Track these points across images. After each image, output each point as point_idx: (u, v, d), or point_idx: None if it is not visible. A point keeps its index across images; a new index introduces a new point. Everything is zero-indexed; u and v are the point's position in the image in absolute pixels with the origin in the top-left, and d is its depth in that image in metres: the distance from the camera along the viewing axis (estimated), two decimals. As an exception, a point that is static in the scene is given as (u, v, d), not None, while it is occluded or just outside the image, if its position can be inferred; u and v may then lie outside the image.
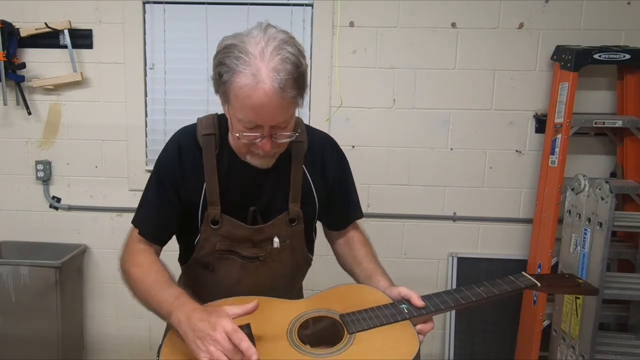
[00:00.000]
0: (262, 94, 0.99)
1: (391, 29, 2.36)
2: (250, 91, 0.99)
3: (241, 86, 1.00)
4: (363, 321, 1.05)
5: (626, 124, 2.22)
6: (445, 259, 2.52)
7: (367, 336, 1.02)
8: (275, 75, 0.98)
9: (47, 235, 2.54)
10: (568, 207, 2.15)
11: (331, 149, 1.32)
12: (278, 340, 1.02)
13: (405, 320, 1.07)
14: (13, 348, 2.33)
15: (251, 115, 1.03)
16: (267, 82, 0.98)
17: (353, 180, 1.37)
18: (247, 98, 1.00)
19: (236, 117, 1.06)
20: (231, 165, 1.19)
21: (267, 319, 1.07)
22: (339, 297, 1.16)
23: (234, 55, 1.01)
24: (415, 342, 1.00)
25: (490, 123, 2.41)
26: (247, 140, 1.08)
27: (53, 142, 2.50)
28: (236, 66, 1.00)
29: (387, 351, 0.99)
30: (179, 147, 1.20)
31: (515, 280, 1.17)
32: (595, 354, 2.02)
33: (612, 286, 2.05)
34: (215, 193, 1.17)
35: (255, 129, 1.06)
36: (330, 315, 1.10)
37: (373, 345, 1.00)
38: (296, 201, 1.22)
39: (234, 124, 1.09)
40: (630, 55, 2.14)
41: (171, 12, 2.40)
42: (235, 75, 1.00)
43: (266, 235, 1.21)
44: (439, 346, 2.57)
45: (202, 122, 1.22)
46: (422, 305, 1.11)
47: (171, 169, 1.19)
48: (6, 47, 2.32)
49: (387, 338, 1.02)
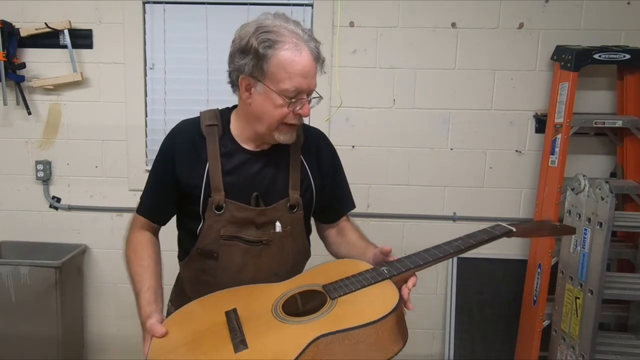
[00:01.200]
0: (307, 60, 1.15)
1: (391, 29, 2.36)
2: (297, 58, 1.13)
3: (287, 55, 1.13)
4: (345, 287, 1.08)
5: (626, 124, 2.22)
6: (445, 259, 2.51)
7: (349, 299, 1.05)
8: (311, 44, 1.16)
9: (47, 235, 2.54)
10: (568, 207, 2.15)
11: (325, 142, 1.40)
12: (263, 316, 1.05)
13: (386, 280, 1.09)
14: (13, 348, 2.33)
15: (298, 81, 1.15)
16: (307, 50, 1.15)
17: (344, 174, 1.44)
18: (295, 64, 1.13)
19: (280, 89, 1.15)
20: (233, 153, 1.25)
21: (253, 301, 1.12)
22: (323, 272, 1.20)
23: (271, 31, 1.14)
24: (395, 294, 1.04)
25: (490, 123, 2.41)
26: (284, 107, 1.17)
27: (53, 142, 2.50)
28: (278, 38, 1.13)
29: (367, 307, 1.01)
30: (181, 135, 1.28)
31: (491, 230, 1.23)
32: (595, 354, 2.02)
33: (612, 286, 2.05)
34: (219, 179, 1.22)
35: (297, 96, 1.17)
36: (314, 288, 1.13)
37: (354, 304, 1.03)
38: (296, 189, 1.28)
39: (275, 98, 1.16)
40: (630, 55, 2.14)
41: (171, 12, 2.40)
42: (280, 46, 1.13)
43: (268, 218, 1.25)
44: (439, 346, 2.58)
45: (205, 114, 1.30)
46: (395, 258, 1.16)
47: (172, 153, 1.27)
48: (6, 47, 2.32)
49: (367, 296, 1.05)
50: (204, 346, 1.00)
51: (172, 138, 1.29)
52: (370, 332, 0.95)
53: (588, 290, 2.01)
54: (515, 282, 2.45)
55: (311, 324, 0.99)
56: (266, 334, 1.00)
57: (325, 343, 0.94)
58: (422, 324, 2.56)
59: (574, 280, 2.09)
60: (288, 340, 0.96)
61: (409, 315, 1.15)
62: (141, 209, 1.33)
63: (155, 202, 1.32)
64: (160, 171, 1.30)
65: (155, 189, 1.31)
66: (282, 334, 0.99)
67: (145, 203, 1.33)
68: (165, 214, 1.34)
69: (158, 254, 1.30)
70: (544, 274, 2.25)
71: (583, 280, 2.04)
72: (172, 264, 1.39)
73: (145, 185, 1.34)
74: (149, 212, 1.32)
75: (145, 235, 1.31)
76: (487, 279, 2.47)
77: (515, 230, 1.20)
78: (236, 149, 1.26)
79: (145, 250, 1.27)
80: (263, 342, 0.98)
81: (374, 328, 0.96)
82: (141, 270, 1.22)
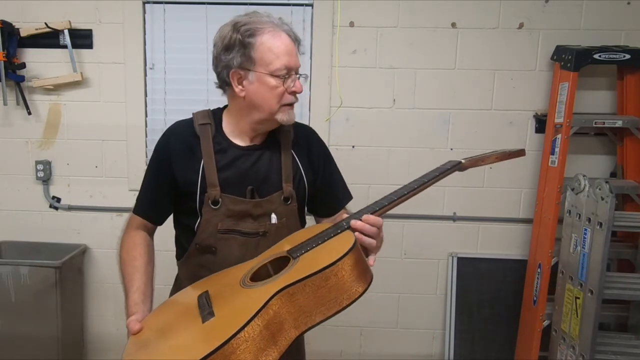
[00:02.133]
0: (287, 39, 1.23)
1: (391, 29, 2.36)
2: (279, 39, 1.21)
3: (269, 38, 1.20)
4: (307, 245, 1.11)
5: (626, 124, 2.22)
6: (445, 259, 2.52)
7: (309, 255, 1.08)
8: (285, 27, 1.24)
9: (47, 235, 2.54)
10: (568, 207, 2.15)
11: (314, 137, 1.43)
12: (232, 288, 1.08)
13: (345, 230, 1.11)
14: (13, 348, 2.33)
15: (285, 59, 1.21)
16: (284, 32, 1.23)
17: (337, 168, 1.46)
18: (279, 44, 1.21)
19: (270, 70, 1.21)
20: (227, 150, 1.29)
21: (223, 280, 1.16)
22: (291, 239, 1.23)
23: (249, 23, 1.21)
24: (351, 238, 1.05)
25: (490, 123, 2.41)
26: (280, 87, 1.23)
27: (53, 142, 2.50)
28: (258, 26, 1.21)
29: (324, 255, 1.04)
30: (175, 135, 1.32)
31: (441, 166, 1.34)
32: (595, 354, 2.02)
33: (612, 286, 2.05)
34: (214, 175, 1.26)
35: (288, 74, 1.23)
36: (279, 255, 1.15)
37: (313, 257, 1.07)
38: (289, 181, 1.31)
39: (269, 81, 1.22)
40: (630, 55, 2.14)
41: (171, 12, 2.40)
42: (260, 33, 1.20)
43: (264, 210, 1.28)
44: (439, 346, 2.58)
45: (198, 115, 1.34)
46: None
47: (167, 153, 1.30)
48: (6, 47, 2.32)
49: (326, 247, 1.09)
50: (175, 329, 1.03)
51: (166, 138, 1.33)
52: (328, 276, 0.97)
53: (588, 290, 2.01)
54: (515, 282, 2.45)
55: (273, 282, 1.02)
56: (231, 300, 1.03)
57: (288, 295, 0.97)
58: (422, 324, 2.56)
59: (574, 280, 2.09)
60: (251, 300, 0.98)
61: (409, 315, 1.15)
62: (138, 209, 1.35)
63: (151, 201, 1.34)
64: (156, 171, 1.32)
65: (152, 188, 1.34)
66: (246, 297, 1.02)
67: (142, 203, 1.35)
68: (161, 213, 1.36)
69: (151, 254, 1.32)
70: (544, 274, 2.25)
71: (583, 280, 2.04)
72: (171, 264, 1.39)
73: (141, 185, 1.36)
74: (146, 211, 1.34)
75: (140, 235, 1.33)
76: (487, 279, 2.47)
77: (464, 161, 1.31)
78: (229, 145, 1.30)
79: (137, 250, 1.28)
80: (228, 307, 1.01)
81: (332, 271, 0.98)
82: (132, 270, 1.24)
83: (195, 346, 0.92)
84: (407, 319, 2.57)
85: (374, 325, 2.58)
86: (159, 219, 1.36)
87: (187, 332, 0.99)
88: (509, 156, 1.34)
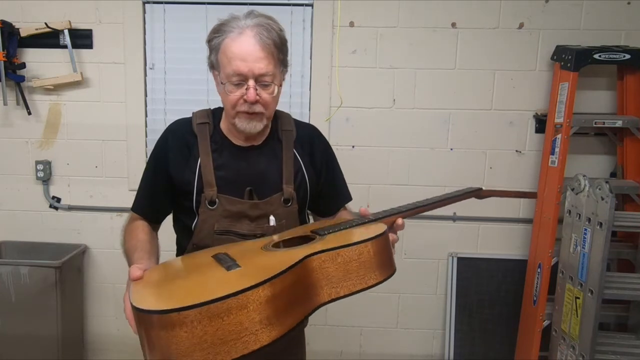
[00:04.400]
0: (246, 43, 1.15)
1: (391, 29, 2.36)
2: (235, 42, 1.16)
3: (228, 42, 1.17)
4: (333, 228, 1.13)
5: (626, 124, 2.22)
6: (445, 259, 2.52)
7: (339, 234, 1.09)
8: (257, 28, 1.16)
9: (47, 235, 2.54)
10: (568, 207, 2.15)
11: (318, 137, 1.41)
12: (255, 253, 1.06)
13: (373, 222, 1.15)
14: (13, 348, 2.33)
15: (236, 64, 1.15)
16: (249, 33, 1.16)
17: (339, 166, 1.45)
18: (234, 49, 1.16)
19: (225, 74, 1.18)
20: (224, 149, 1.28)
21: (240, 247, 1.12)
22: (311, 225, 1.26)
23: (223, 24, 1.19)
24: (382, 225, 1.08)
25: (490, 123, 2.41)
26: (232, 92, 1.19)
27: (53, 142, 2.50)
28: (225, 28, 1.18)
29: (357, 234, 1.06)
30: (174, 134, 1.32)
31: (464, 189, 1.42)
32: (595, 354, 2.02)
33: (612, 286, 2.05)
34: (211, 174, 1.25)
35: (240, 82, 1.18)
36: (302, 233, 1.16)
37: (345, 235, 1.08)
38: (289, 182, 1.29)
39: (226, 86, 1.20)
40: (630, 55, 2.14)
41: (171, 12, 2.40)
42: (224, 35, 1.17)
43: (262, 211, 1.26)
44: (439, 346, 2.58)
45: (197, 114, 1.34)
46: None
47: (164, 152, 1.30)
48: (6, 47, 2.32)
49: (357, 230, 1.11)
50: (192, 275, 0.99)
51: (164, 137, 1.33)
52: (362, 251, 0.99)
53: (588, 290, 2.01)
54: (515, 282, 2.45)
55: (304, 248, 1.01)
56: (257, 260, 1.00)
57: (319, 261, 0.96)
58: (422, 324, 2.57)
59: (574, 280, 2.09)
60: (281, 259, 0.95)
61: (409, 315, 1.15)
62: (135, 207, 1.34)
63: (148, 200, 1.33)
64: (153, 169, 1.33)
65: (149, 187, 1.33)
66: (274, 256, 1.00)
67: (140, 201, 1.34)
68: (159, 212, 1.35)
69: (153, 234, 1.29)
70: (544, 274, 2.25)
71: (583, 280, 2.04)
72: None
73: (139, 183, 1.36)
74: (143, 209, 1.33)
75: (142, 221, 1.31)
76: (487, 279, 2.47)
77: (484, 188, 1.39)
78: (227, 144, 1.29)
79: (140, 230, 1.26)
80: (255, 263, 0.98)
81: (365, 247, 0.99)
82: (136, 242, 1.20)
83: (224, 284, 0.86)
84: (407, 318, 2.57)
85: (374, 325, 2.58)
86: (156, 217, 1.35)
87: (208, 275, 0.94)
88: (523, 195, 1.43)
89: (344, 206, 1.45)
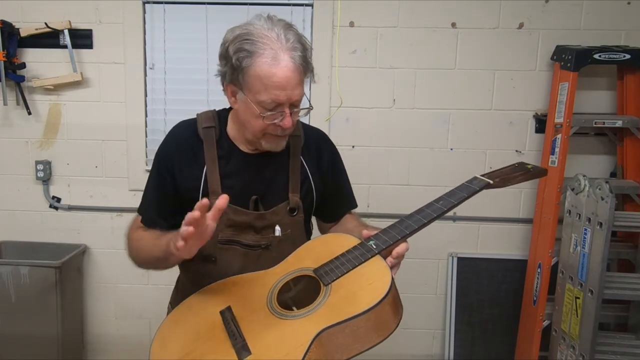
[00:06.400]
0: (285, 71, 1.08)
1: (391, 29, 2.36)
2: (274, 69, 1.08)
3: (264, 67, 1.08)
4: (336, 269, 1.08)
5: (626, 124, 2.22)
6: (445, 259, 2.52)
7: (342, 283, 1.05)
8: (293, 53, 1.09)
9: (47, 235, 2.54)
10: (568, 207, 2.15)
11: (325, 142, 1.38)
12: (259, 312, 1.05)
13: (375, 256, 1.09)
14: (13, 348, 2.33)
15: (275, 93, 1.10)
16: (287, 60, 1.08)
17: (346, 173, 1.42)
18: (272, 77, 1.08)
19: (257, 100, 1.12)
20: (231, 156, 1.24)
21: (246, 296, 1.11)
22: (310, 252, 1.19)
23: (250, 41, 1.09)
24: (387, 273, 1.04)
25: (490, 123, 2.41)
26: (270, 120, 1.14)
27: (53, 142, 2.50)
28: (256, 49, 1.08)
29: (363, 293, 1.01)
30: (178, 139, 1.27)
31: (469, 185, 1.21)
32: (595, 354, 2.02)
33: (612, 286, 2.05)
34: (217, 182, 1.21)
35: (276, 108, 1.12)
36: (305, 273, 1.13)
37: (349, 290, 1.03)
38: (296, 192, 1.26)
39: (253, 109, 1.13)
40: (630, 55, 2.14)
41: (171, 12, 2.40)
42: (257, 58, 1.08)
43: (268, 222, 1.24)
44: (439, 346, 2.58)
45: (202, 116, 1.28)
46: None
47: (169, 159, 1.25)
48: (6, 47, 2.32)
49: (361, 279, 1.05)
50: (204, 351, 1.00)
51: (169, 142, 1.28)
52: (369, 317, 0.97)
53: (588, 290, 2.01)
54: (515, 282, 2.45)
55: (310, 317, 1.00)
56: (266, 334, 1.00)
57: (328, 335, 0.96)
58: (422, 324, 2.56)
59: (574, 280, 2.09)
60: (290, 339, 0.96)
61: (409, 315, 1.15)
62: (146, 220, 1.27)
63: (158, 210, 1.27)
64: (159, 177, 1.27)
65: (159, 201, 1.27)
66: (282, 332, 0.99)
67: (149, 213, 1.28)
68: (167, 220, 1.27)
69: None
70: (544, 274, 2.25)
71: (583, 280, 2.04)
72: (174, 268, 1.39)
73: (144, 190, 1.30)
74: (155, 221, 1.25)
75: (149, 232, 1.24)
76: (487, 279, 2.47)
77: (492, 182, 1.17)
78: (234, 151, 1.25)
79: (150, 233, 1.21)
80: (265, 344, 0.98)
81: (373, 313, 0.97)
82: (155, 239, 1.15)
83: None
84: (407, 319, 2.53)
85: (374, 325, 2.58)
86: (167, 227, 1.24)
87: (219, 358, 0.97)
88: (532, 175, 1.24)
89: (349, 212, 1.43)
